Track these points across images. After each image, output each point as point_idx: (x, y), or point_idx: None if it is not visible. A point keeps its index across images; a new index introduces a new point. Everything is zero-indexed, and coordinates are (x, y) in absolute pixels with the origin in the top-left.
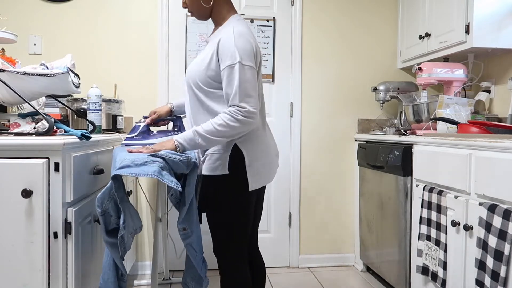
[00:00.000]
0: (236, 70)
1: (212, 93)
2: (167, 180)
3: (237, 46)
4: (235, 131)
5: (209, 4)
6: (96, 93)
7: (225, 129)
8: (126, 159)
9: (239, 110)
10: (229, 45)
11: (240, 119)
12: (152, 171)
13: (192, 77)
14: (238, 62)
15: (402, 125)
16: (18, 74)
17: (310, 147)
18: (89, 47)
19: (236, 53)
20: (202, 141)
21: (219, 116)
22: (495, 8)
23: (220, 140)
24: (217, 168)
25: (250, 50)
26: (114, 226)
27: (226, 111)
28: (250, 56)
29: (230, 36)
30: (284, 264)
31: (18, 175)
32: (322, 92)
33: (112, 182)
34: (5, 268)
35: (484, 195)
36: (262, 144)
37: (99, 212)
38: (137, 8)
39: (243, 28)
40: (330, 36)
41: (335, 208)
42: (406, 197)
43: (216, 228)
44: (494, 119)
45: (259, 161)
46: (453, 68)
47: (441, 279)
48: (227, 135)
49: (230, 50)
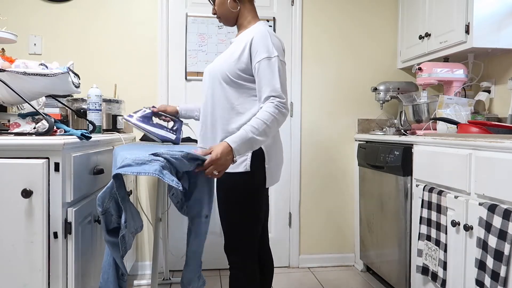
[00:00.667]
0: (274, 62)
1: (240, 85)
2: (168, 179)
3: (273, 43)
4: (279, 125)
5: (236, 9)
6: (96, 93)
7: (274, 124)
8: (127, 158)
9: (281, 102)
10: (265, 41)
11: (284, 112)
12: (153, 170)
13: (220, 70)
14: (276, 56)
15: (402, 125)
16: (18, 74)
17: (310, 147)
18: (89, 47)
19: (273, 48)
20: (257, 140)
21: (265, 112)
22: (495, 8)
23: (269, 136)
24: (240, 165)
25: (282, 50)
26: (115, 225)
27: (270, 105)
28: (282, 55)
29: (265, 34)
30: (284, 264)
31: (18, 175)
32: (322, 92)
33: (113, 181)
34: (5, 268)
35: (484, 195)
36: (278, 142)
37: (100, 211)
38: (137, 8)
39: (273, 31)
40: (330, 36)
41: (335, 208)
42: (406, 197)
43: (230, 224)
44: (494, 119)
45: (275, 159)
46: (453, 68)
47: (441, 279)
48: (275, 130)
49: (267, 45)
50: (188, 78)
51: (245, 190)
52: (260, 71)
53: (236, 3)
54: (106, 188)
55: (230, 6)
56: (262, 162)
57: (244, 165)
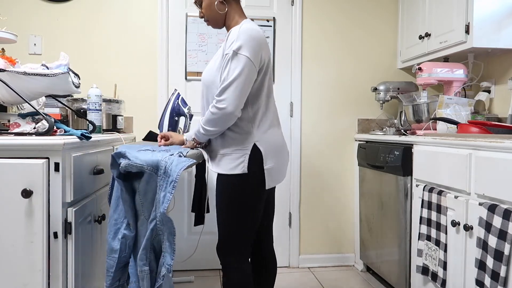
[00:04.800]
0: (229, 60)
1: None
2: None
3: (239, 37)
4: (219, 121)
5: (223, 11)
6: (96, 93)
7: (211, 123)
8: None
9: (218, 100)
10: (231, 37)
11: (215, 111)
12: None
13: (208, 80)
14: (233, 51)
15: (402, 125)
16: (18, 74)
17: (310, 147)
18: (89, 47)
19: (235, 43)
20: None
21: (208, 111)
22: (495, 8)
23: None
24: (237, 167)
25: (253, 43)
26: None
27: (212, 105)
28: (255, 56)
29: (236, 29)
30: (284, 264)
31: (18, 175)
32: (322, 92)
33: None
34: (5, 268)
35: (484, 195)
36: (278, 143)
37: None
38: (137, 8)
39: (253, 25)
40: (330, 36)
41: (335, 208)
42: (406, 197)
43: (227, 225)
44: (494, 119)
45: (275, 160)
46: (453, 68)
47: (441, 279)
48: (213, 133)
49: (231, 41)
50: (188, 78)
51: (242, 192)
52: (224, 63)
53: (223, 4)
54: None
55: (217, 8)
56: (260, 163)
57: (241, 167)
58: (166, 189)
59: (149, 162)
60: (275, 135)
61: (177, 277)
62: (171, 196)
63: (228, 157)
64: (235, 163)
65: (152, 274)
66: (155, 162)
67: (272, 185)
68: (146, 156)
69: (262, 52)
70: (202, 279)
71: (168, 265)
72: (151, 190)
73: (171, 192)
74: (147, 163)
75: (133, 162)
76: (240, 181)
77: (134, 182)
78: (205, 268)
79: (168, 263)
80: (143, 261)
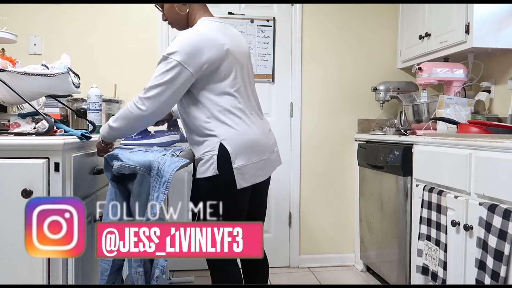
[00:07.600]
0: (159, 62)
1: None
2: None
3: (175, 40)
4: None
5: (185, 11)
6: (96, 93)
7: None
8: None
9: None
10: (179, 38)
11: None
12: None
13: None
14: (163, 55)
15: (402, 125)
16: (18, 74)
17: (310, 147)
18: (89, 47)
19: (170, 46)
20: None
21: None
22: (495, 8)
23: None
24: (208, 170)
25: (188, 45)
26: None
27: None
28: (183, 52)
29: (188, 32)
30: (284, 264)
31: (18, 175)
32: (322, 92)
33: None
34: (5, 268)
35: (484, 195)
36: (250, 139)
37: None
38: (137, 8)
39: (202, 27)
40: (330, 36)
41: (335, 208)
42: (406, 197)
43: None
44: (494, 119)
45: (247, 159)
46: (453, 68)
47: (441, 279)
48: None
49: (177, 42)
50: None
51: (216, 193)
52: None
53: (185, 5)
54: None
55: (178, 9)
56: (229, 163)
57: (212, 169)
58: (159, 190)
59: (142, 163)
60: (247, 131)
61: (177, 277)
62: (164, 196)
63: (201, 161)
64: (206, 166)
65: (147, 275)
66: (147, 163)
67: (246, 184)
68: (138, 157)
69: (204, 52)
70: (202, 279)
71: (161, 266)
72: (145, 191)
73: (164, 192)
74: (140, 164)
75: (125, 163)
76: (212, 183)
77: (128, 184)
78: (205, 268)
79: (161, 264)
80: (138, 262)
